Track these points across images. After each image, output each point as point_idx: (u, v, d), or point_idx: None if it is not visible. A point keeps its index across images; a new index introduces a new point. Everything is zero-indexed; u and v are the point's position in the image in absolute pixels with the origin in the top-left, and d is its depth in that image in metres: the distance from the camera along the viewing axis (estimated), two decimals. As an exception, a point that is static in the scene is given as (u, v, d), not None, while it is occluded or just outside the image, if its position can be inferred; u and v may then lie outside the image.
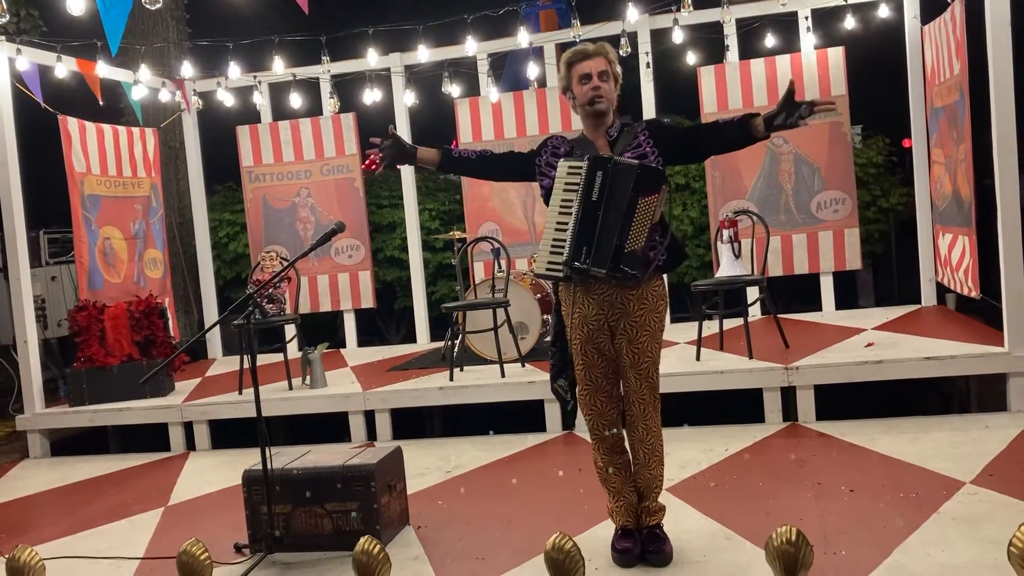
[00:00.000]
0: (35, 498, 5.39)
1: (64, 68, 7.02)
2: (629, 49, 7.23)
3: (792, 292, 8.30)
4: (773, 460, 4.60)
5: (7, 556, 3.61)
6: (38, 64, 6.87)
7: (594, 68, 3.37)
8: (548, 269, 3.35)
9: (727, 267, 5.87)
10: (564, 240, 3.29)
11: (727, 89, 7.64)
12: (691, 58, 7.84)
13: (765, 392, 5.35)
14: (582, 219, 3.25)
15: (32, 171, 6.81)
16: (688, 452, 4.82)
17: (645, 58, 7.64)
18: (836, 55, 7.44)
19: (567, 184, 3.30)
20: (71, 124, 7.20)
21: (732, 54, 7.66)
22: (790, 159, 7.52)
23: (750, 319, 5.96)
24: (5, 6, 4.23)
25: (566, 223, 3.28)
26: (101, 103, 7.46)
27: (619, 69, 3.44)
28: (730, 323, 6.43)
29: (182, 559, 3.40)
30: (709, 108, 7.69)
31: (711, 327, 6.37)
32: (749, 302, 6.73)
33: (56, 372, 7.96)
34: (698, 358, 5.80)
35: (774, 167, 7.56)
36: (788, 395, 5.35)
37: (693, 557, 3.38)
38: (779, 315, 6.21)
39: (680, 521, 3.77)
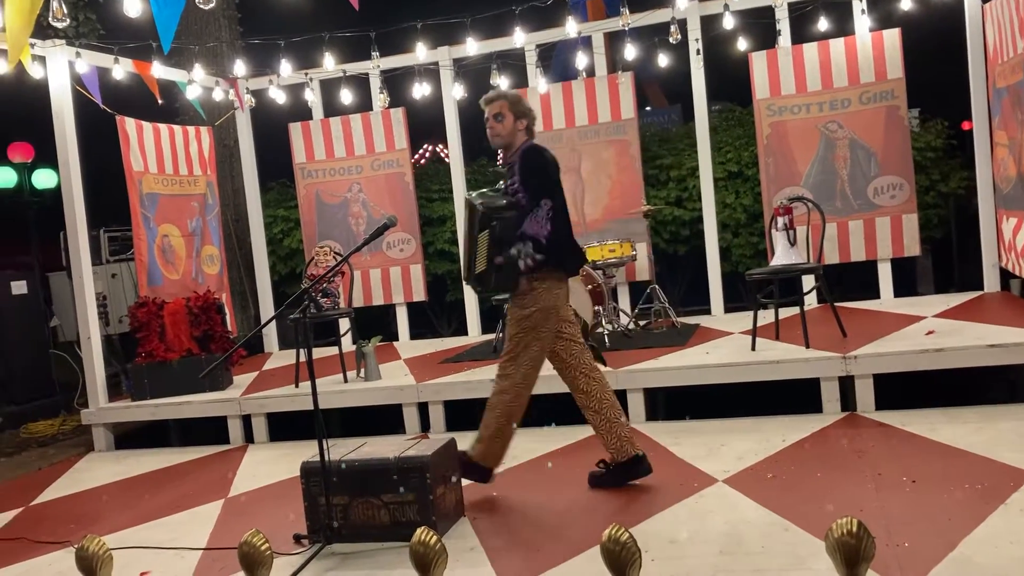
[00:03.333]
0: (101, 490, 5.53)
1: (121, 70, 7.18)
2: (679, 36, 7.15)
3: (848, 280, 8.14)
4: (831, 450, 4.52)
5: (77, 546, 3.72)
6: (96, 66, 7.03)
7: (490, 112, 4.20)
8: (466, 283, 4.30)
9: (782, 255, 5.77)
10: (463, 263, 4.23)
11: (779, 75, 7.51)
12: (742, 44, 7.73)
13: (822, 382, 5.26)
14: (464, 244, 4.20)
15: (91, 171, 6.97)
16: (744, 443, 4.77)
17: (695, 45, 7.55)
18: (892, 37, 7.26)
19: (464, 218, 4.20)
20: (129, 124, 7.36)
21: (784, 39, 7.52)
22: (845, 144, 7.37)
23: (806, 308, 5.86)
24: (65, 11, 4.33)
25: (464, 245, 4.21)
26: (160, 102, 7.61)
27: (524, 107, 4.18)
28: (785, 312, 6.33)
29: (243, 550, 3.46)
30: (761, 94, 7.58)
31: (766, 316, 6.29)
32: (805, 291, 6.61)
33: (118, 367, 8.15)
34: (753, 348, 5.73)
35: (829, 152, 7.42)
36: (846, 385, 5.26)
37: (751, 548, 3.34)
38: (836, 303, 6.09)
39: (737, 511, 3.74)
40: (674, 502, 3.95)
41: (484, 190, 4.18)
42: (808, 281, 7.00)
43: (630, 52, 7.53)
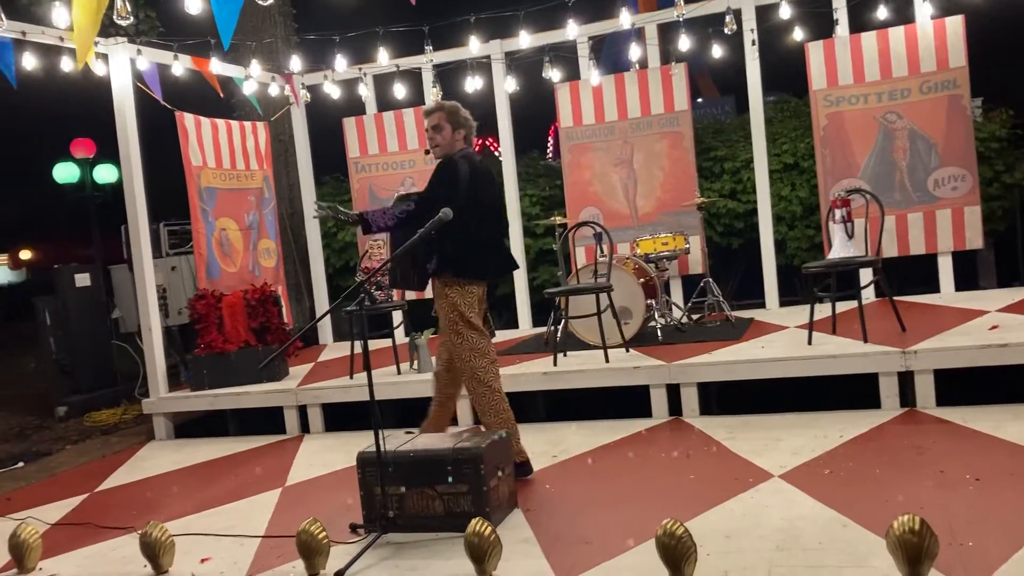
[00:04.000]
0: (161, 478, 5.67)
1: (180, 66, 7.31)
2: (734, 27, 7.06)
3: (907, 273, 7.97)
4: (891, 447, 4.44)
5: (140, 532, 3.83)
6: (156, 63, 7.18)
7: (429, 123, 4.43)
8: None
9: (839, 248, 5.68)
10: None
11: (836, 65, 7.38)
12: (798, 34, 7.60)
13: (881, 377, 5.16)
14: None
15: (151, 166, 7.12)
16: (800, 438, 4.71)
17: (750, 35, 7.45)
18: (955, 25, 7.08)
19: None
20: (188, 120, 7.50)
21: (842, 28, 7.39)
22: (905, 135, 7.22)
23: (863, 302, 5.76)
24: (129, 8, 4.43)
25: None
26: (221, 95, 7.75)
27: (462, 118, 4.43)
28: (842, 306, 6.23)
29: (301, 538, 3.53)
30: (818, 84, 7.45)
31: (822, 310, 6.19)
32: (863, 284, 6.51)
33: (178, 358, 8.33)
34: (810, 342, 5.65)
35: (888, 144, 7.27)
36: (905, 380, 5.15)
37: (808, 544, 3.30)
38: (894, 297, 5.97)
39: (793, 507, 3.69)
40: (729, 497, 3.92)
41: (405, 193, 4.66)
42: (866, 275, 6.87)
43: (684, 43, 7.46)
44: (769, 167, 7.80)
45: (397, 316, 7.91)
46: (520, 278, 8.45)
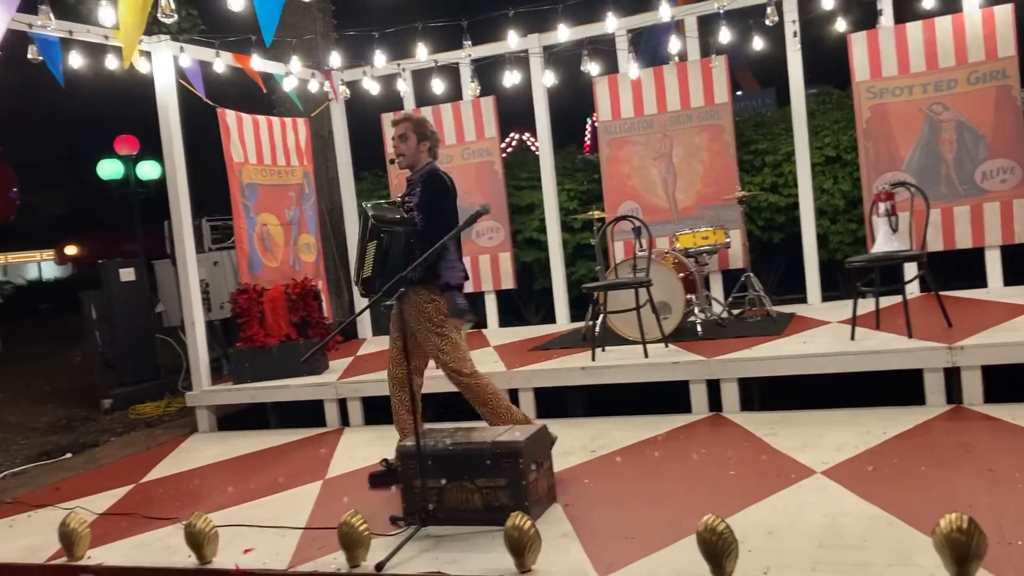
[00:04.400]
0: (205, 469, 5.75)
1: (222, 63, 7.40)
2: (776, 18, 6.98)
3: (953, 268, 7.82)
4: (937, 444, 4.37)
5: (185, 523, 3.88)
6: (198, 60, 7.27)
7: (395, 132, 4.53)
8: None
9: (883, 242, 5.59)
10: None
11: (880, 56, 7.26)
12: (841, 24, 7.48)
13: (926, 373, 5.08)
14: (357, 249, 4.50)
15: (192, 162, 7.21)
16: (843, 434, 4.64)
17: (792, 27, 7.36)
18: (1004, 14, 6.92)
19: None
20: (229, 116, 7.59)
21: (886, 18, 7.26)
22: (951, 127, 7.08)
23: (908, 297, 5.66)
24: (173, 7, 4.49)
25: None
26: (264, 90, 7.84)
27: (428, 130, 4.53)
28: (886, 301, 6.13)
29: (343, 530, 3.56)
30: (861, 76, 7.33)
31: (866, 305, 6.09)
32: (907, 279, 6.40)
33: (220, 351, 8.45)
34: (853, 337, 5.57)
35: (933, 136, 7.13)
36: (952, 377, 5.06)
37: (852, 541, 3.26)
38: (940, 292, 5.86)
39: (836, 504, 3.65)
40: (771, 493, 3.88)
41: (380, 202, 4.60)
42: (910, 269, 6.77)
43: (724, 35, 7.39)
44: (811, 160, 7.69)
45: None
46: (557, 273, 8.44)
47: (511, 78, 8.15)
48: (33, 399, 9.18)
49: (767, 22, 7.00)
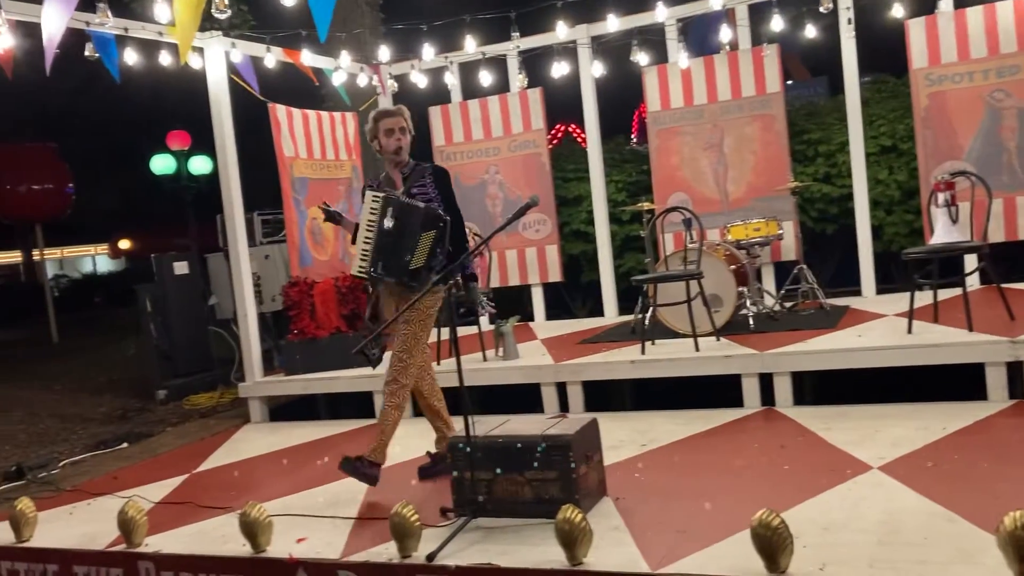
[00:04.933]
0: (258, 459, 5.83)
1: (272, 58, 7.47)
2: (830, 5, 6.84)
3: (1015, 259, 7.60)
4: (1000, 440, 4.25)
5: (239, 512, 3.93)
6: (249, 56, 7.34)
7: (395, 125, 4.53)
8: (358, 272, 4.48)
9: (942, 233, 5.46)
10: (368, 252, 4.41)
11: (939, 42, 7.07)
12: (898, 10, 7.31)
13: (988, 367, 4.94)
14: (378, 239, 4.39)
15: (243, 157, 7.29)
16: (900, 430, 4.55)
17: (846, 14, 7.21)
18: (1068, -4, 6.71)
19: (371, 210, 4.41)
20: (279, 111, 7.66)
21: (945, 3, 7.08)
22: (1013, 114, 6.88)
23: (968, 289, 5.51)
24: (227, 1, 4.53)
25: (371, 239, 4.40)
26: (316, 83, 7.90)
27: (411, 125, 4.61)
28: (944, 294, 5.98)
29: (394, 520, 3.58)
30: (919, 63, 7.16)
31: (923, 298, 5.96)
32: (967, 271, 6.23)
33: (272, 344, 8.55)
34: (910, 331, 5.45)
35: (995, 124, 6.94)
36: (1015, 371, 4.92)
37: (911, 539, 3.19)
38: (1002, 285, 5.70)
39: (894, 500, 3.57)
40: (826, 488, 3.81)
41: (396, 193, 4.48)
42: (970, 261, 6.59)
43: (776, 23, 7.26)
44: (866, 150, 7.54)
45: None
46: (605, 265, 8.39)
47: (559, 69, 8.10)
48: (90, 390, 9.40)
49: (821, 9, 6.87)
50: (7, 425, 7.82)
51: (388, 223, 4.39)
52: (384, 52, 8.42)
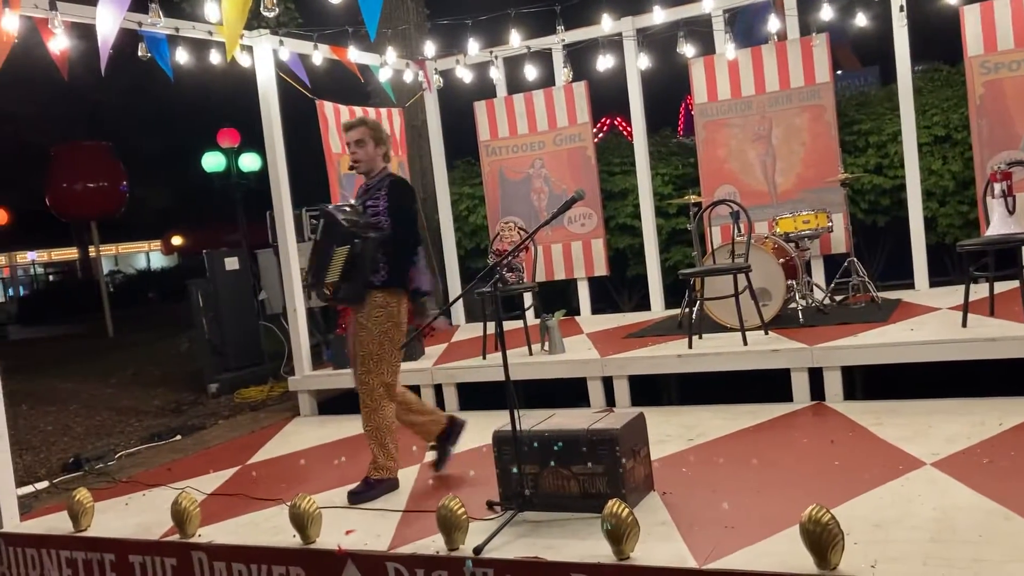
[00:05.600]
0: (307, 452, 5.91)
1: (319, 55, 7.55)
2: (882, -8, 6.71)
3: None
4: (1058, 437, 4.14)
5: (289, 503, 3.99)
6: (297, 53, 7.42)
7: (352, 138, 4.47)
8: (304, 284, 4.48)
9: (999, 224, 5.33)
10: (310, 267, 4.41)
11: (995, 28, 6.90)
12: (952, -3, 7.15)
13: (1047, 362, 4.82)
14: (311, 253, 4.42)
15: (291, 153, 7.37)
16: (955, 425, 4.45)
17: (898, 1, 7.06)
18: None
19: (311, 223, 4.27)
20: (327, 108, 7.74)
21: (1001, -12, 6.90)
22: (1073, 102, 6.68)
23: (1026, 282, 5.38)
24: (275, 0, 4.59)
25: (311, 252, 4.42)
26: (362, 80, 7.97)
27: (383, 134, 4.51)
28: (1000, 286, 5.85)
29: (441, 513, 3.60)
30: (974, 51, 6.99)
31: (979, 291, 5.83)
32: (1024, 263, 6.08)
33: (320, 338, 8.64)
34: (964, 324, 5.33)
35: (1054, 112, 6.75)
36: (1074, 365, 4.80)
37: (966, 536, 3.12)
38: (1061, 277, 5.55)
39: (949, 497, 3.50)
40: (877, 484, 3.75)
41: (342, 206, 4.50)
42: (1028, 253, 6.42)
43: (826, 12, 7.15)
44: (918, 140, 7.39)
45: (528, 298, 7.95)
46: (652, 259, 8.34)
47: (604, 62, 8.07)
48: (144, 383, 9.61)
49: (872, -2, 6.74)
50: (65, 417, 8.03)
51: (318, 236, 4.43)
52: (429, 48, 8.46)
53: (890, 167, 7.86)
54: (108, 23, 5.07)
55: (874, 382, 5.44)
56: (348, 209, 4.50)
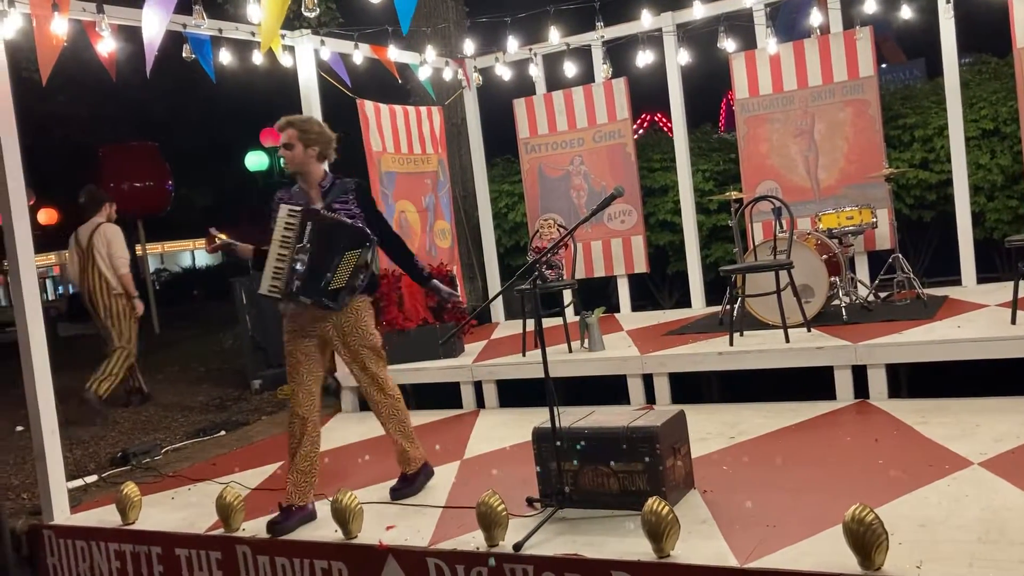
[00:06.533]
0: (348, 448, 5.97)
1: (360, 55, 7.61)
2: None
3: None
4: (1111, 436, 4.05)
5: (331, 499, 4.04)
6: (338, 53, 7.49)
7: (281, 140, 4.34)
8: (269, 291, 4.22)
9: (1049, 219, 5.21)
10: (283, 270, 4.16)
11: (1046, 18, 6.74)
12: (1000, -13, 6.99)
13: (1099, 360, 4.71)
14: (294, 256, 4.16)
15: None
16: (1004, 424, 4.37)
17: (945, -7, 6.93)
18: None
19: (287, 225, 4.17)
20: (368, 107, 7.80)
21: (1052, -23, 6.74)
22: None
23: (1078, 278, 5.26)
24: (316, 0, 4.65)
25: (285, 256, 4.16)
26: (399, 81, 8.02)
27: (314, 134, 4.28)
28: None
29: (481, 509, 3.62)
30: (1023, 42, 6.83)
31: (1028, 287, 5.71)
32: (1076, 259, 5.94)
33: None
34: (1013, 321, 5.22)
35: (1107, 103, 6.58)
36: None
37: (1016, 537, 3.06)
38: (1115, 273, 5.42)
39: (997, 497, 3.44)
40: (922, 484, 3.69)
41: (317, 208, 4.25)
42: (1080, 248, 6.28)
43: (870, 5, 7.03)
44: (965, 134, 7.25)
45: (567, 295, 7.95)
46: (692, 256, 8.29)
47: (644, 58, 8.02)
48: (189, 380, 9.76)
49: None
50: (112, 412, 8.18)
51: (307, 240, 4.15)
52: (469, 46, 8.48)
53: (936, 161, 7.72)
54: (154, 25, 5.16)
55: (919, 380, 5.35)
56: (327, 212, 4.25)
